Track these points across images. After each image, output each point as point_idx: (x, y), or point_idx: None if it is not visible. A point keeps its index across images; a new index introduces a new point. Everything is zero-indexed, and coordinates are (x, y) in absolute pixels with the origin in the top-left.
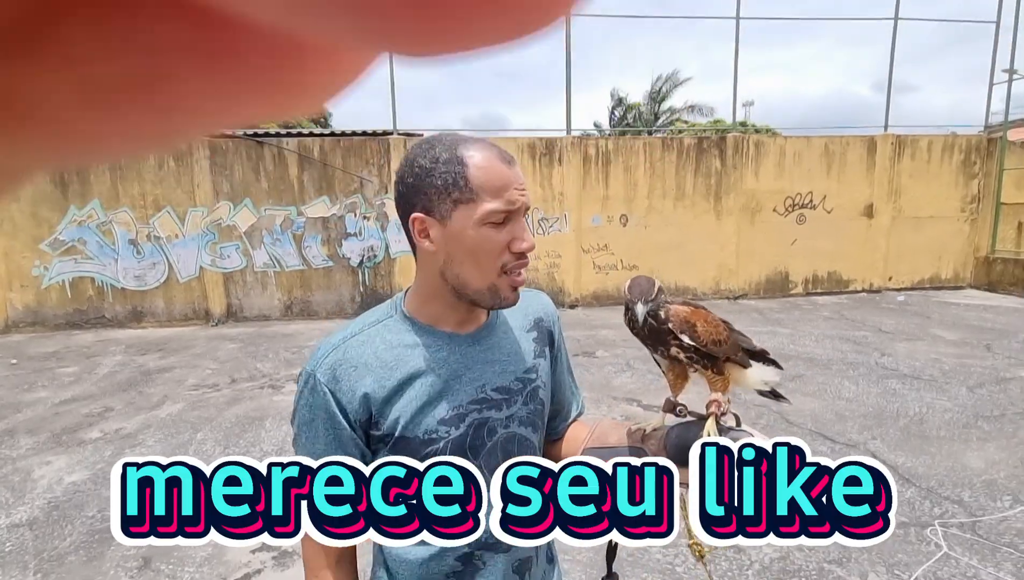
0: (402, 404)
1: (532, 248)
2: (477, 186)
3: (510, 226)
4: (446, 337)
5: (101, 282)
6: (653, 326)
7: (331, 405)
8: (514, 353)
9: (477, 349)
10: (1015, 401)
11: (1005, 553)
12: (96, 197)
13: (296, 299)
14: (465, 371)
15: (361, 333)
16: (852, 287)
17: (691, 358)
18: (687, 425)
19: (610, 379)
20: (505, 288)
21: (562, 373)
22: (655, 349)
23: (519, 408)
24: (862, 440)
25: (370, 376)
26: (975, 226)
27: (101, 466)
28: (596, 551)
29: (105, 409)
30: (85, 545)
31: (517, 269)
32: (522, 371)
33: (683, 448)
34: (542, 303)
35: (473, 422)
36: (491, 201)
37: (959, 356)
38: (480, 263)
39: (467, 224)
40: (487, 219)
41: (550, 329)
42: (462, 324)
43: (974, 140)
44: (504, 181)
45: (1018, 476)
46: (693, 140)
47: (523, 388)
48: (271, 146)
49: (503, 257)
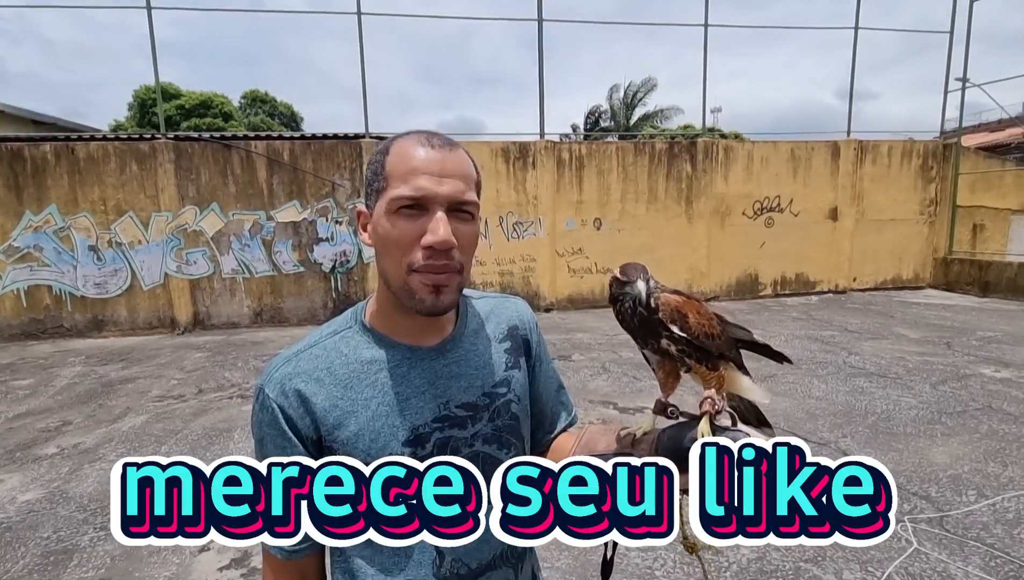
0: (358, 425)
1: (443, 243)
2: (389, 172)
3: (423, 218)
4: (407, 350)
5: (59, 290)
6: (643, 316)
7: (280, 422)
8: (482, 366)
9: (440, 363)
10: (975, 397)
11: (973, 547)
12: (53, 202)
13: (266, 306)
14: (428, 388)
15: (316, 345)
16: (819, 288)
17: (682, 352)
18: (679, 426)
19: (586, 382)
20: (420, 289)
21: (544, 383)
22: (644, 343)
23: (483, 426)
24: (833, 438)
25: (322, 393)
26: (933, 228)
27: (57, 483)
28: (575, 558)
29: (63, 423)
30: (40, 568)
31: (426, 269)
32: (491, 385)
33: (676, 451)
34: (517, 310)
35: (436, 442)
36: (397, 187)
37: (922, 354)
38: (390, 255)
39: (379, 213)
40: (392, 207)
41: (526, 337)
42: (423, 334)
43: (931, 145)
44: (415, 166)
45: (981, 470)
46: (665, 145)
47: (490, 403)
48: (239, 149)
49: (411, 252)
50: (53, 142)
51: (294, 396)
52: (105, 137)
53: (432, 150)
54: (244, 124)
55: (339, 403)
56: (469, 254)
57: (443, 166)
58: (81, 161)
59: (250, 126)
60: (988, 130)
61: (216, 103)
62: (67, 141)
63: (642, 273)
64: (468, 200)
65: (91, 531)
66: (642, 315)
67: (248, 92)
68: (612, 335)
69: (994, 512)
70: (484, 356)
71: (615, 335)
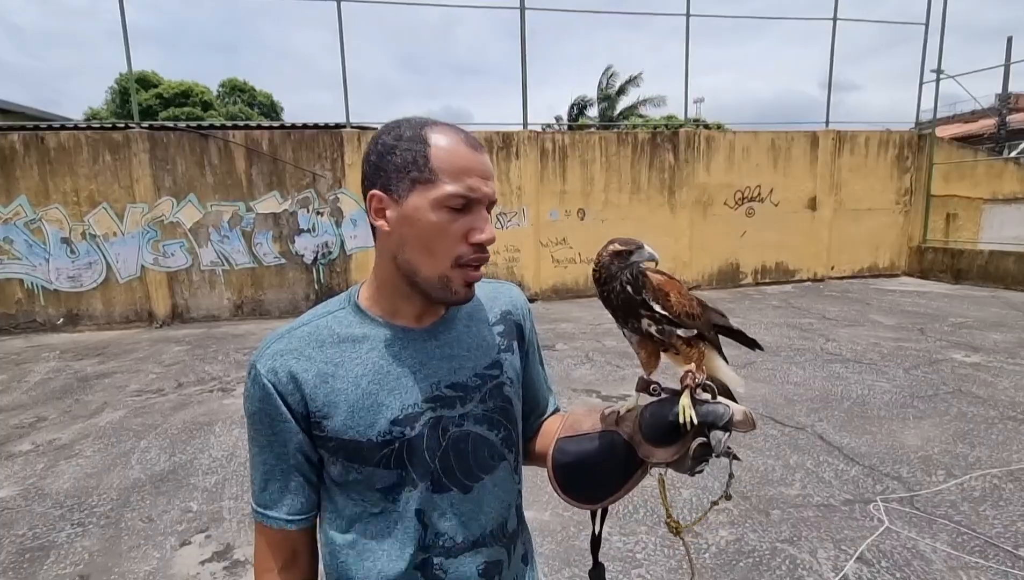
0: (348, 404)
1: (492, 241)
2: (437, 167)
3: (470, 215)
4: (400, 331)
5: (31, 284)
6: (628, 294)
7: (273, 398)
8: (475, 347)
9: (433, 343)
10: (946, 381)
11: (941, 524)
12: (23, 193)
13: (247, 298)
14: (420, 368)
15: (308, 324)
16: (798, 277)
17: (662, 331)
18: (661, 402)
19: (570, 371)
20: (458, 282)
21: (535, 369)
22: (626, 322)
23: (475, 406)
24: (809, 423)
25: (312, 370)
26: (908, 217)
27: (33, 480)
28: (559, 544)
29: (37, 419)
30: (15, 566)
31: (473, 262)
32: (483, 367)
33: (658, 427)
34: (511, 296)
35: (428, 421)
36: (450, 184)
37: (896, 340)
38: (432, 250)
39: (422, 206)
40: (444, 203)
41: (519, 322)
42: (418, 317)
43: (906, 136)
44: (466, 165)
45: (950, 451)
46: (647, 135)
47: (482, 385)
48: (216, 139)
49: (459, 247)
50: (22, 131)
51: (284, 372)
52: (76, 126)
53: (475, 152)
54: (223, 113)
55: (328, 380)
56: None
57: (486, 168)
58: (51, 151)
59: (228, 116)
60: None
61: (196, 92)
62: (36, 130)
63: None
64: (496, 200)
65: (68, 527)
66: (627, 294)
67: (226, 81)
68: (596, 325)
69: (962, 491)
70: (477, 338)
71: (599, 325)
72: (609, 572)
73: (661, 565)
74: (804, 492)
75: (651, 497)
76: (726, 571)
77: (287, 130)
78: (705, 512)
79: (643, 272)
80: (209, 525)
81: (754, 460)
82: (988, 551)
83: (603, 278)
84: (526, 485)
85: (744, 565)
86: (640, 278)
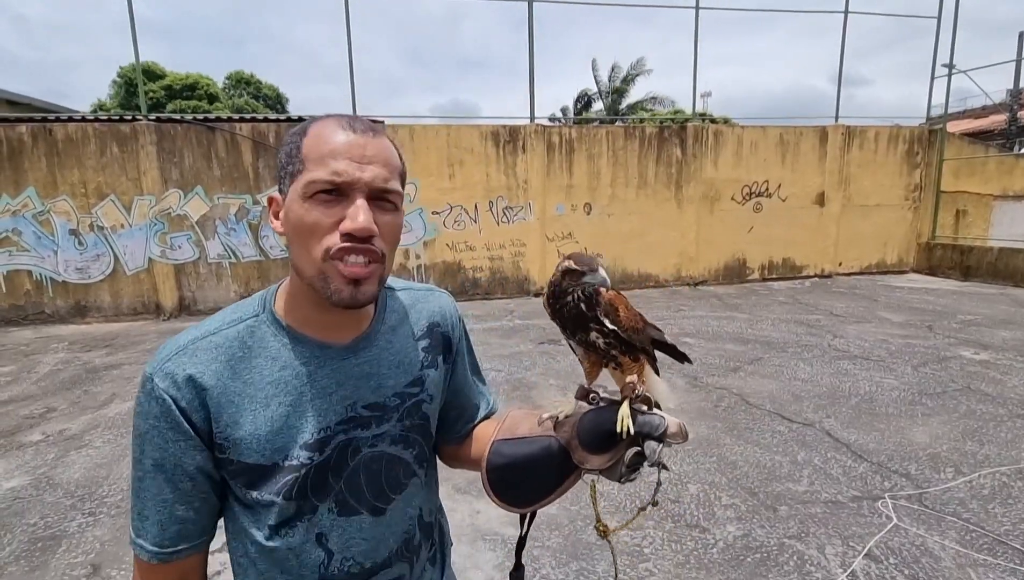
0: (256, 426)
1: (362, 229)
2: (305, 155)
3: (343, 203)
4: (317, 348)
5: (39, 275)
6: (580, 310)
7: (173, 413)
8: (396, 365)
9: (352, 362)
10: (955, 378)
11: (950, 522)
12: (31, 185)
13: (253, 291)
14: (336, 389)
15: (217, 333)
16: (805, 272)
17: (609, 344)
18: (600, 410)
19: (576, 366)
20: (335, 278)
21: (463, 376)
22: (573, 334)
23: (392, 426)
24: (817, 419)
25: (219, 387)
26: (917, 213)
27: (43, 470)
28: (565, 538)
29: (47, 409)
30: (27, 554)
31: (343, 254)
32: (403, 385)
33: (595, 433)
34: (440, 305)
35: (338, 444)
36: (314, 170)
37: (904, 337)
38: (305, 244)
39: (294, 198)
40: (308, 191)
41: (447, 334)
42: (336, 329)
43: (916, 131)
44: (334, 149)
45: (959, 449)
46: (655, 129)
47: (401, 404)
48: (223, 132)
49: (328, 239)
50: (29, 123)
51: (187, 386)
52: (84, 118)
53: (354, 134)
54: (228, 106)
55: (235, 399)
56: (391, 245)
57: (365, 151)
58: (59, 143)
59: (234, 108)
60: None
61: (202, 84)
62: (44, 122)
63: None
64: (391, 188)
65: (79, 517)
66: (579, 308)
67: (232, 73)
68: None
69: (970, 488)
70: (399, 354)
71: None
72: (618, 566)
73: (669, 560)
74: (812, 488)
75: (659, 492)
76: (733, 566)
77: (293, 123)
78: (632, 518)
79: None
80: None
81: (761, 456)
82: (997, 549)
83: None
84: None
85: (752, 561)
86: (594, 296)
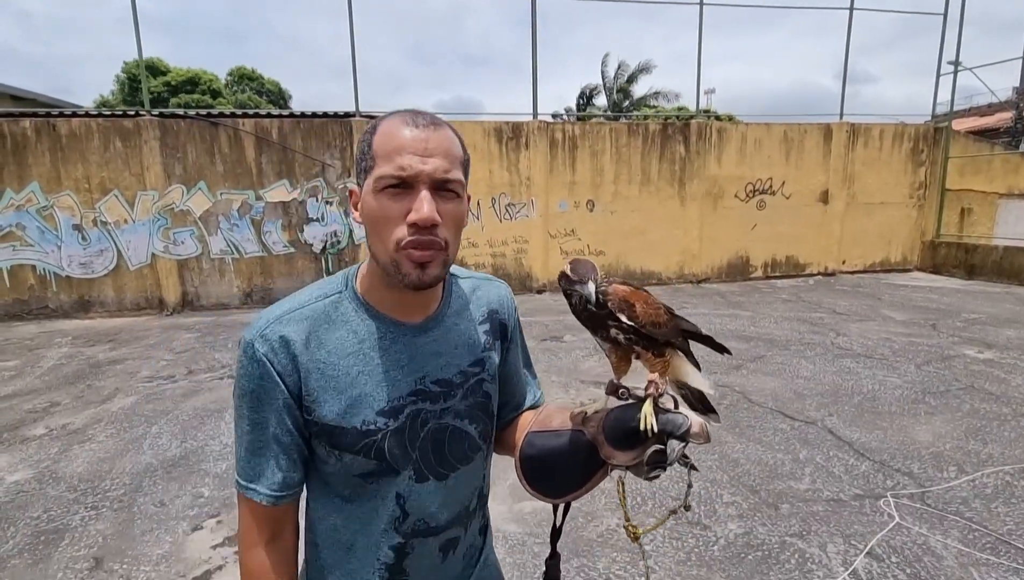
0: (338, 392)
1: (427, 220)
2: (375, 151)
3: (409, 196)
4: (392, 325)
5: (43, 270)
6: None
7: (272, 375)
8: (461, 345)
9: (423, 340)
10: (959, 377)
11: (952, 521)
12: (35, 180)
13: (256, 287)
14: (408, 363)
15: (305, 307)
16: (808, 270)
17: (630, 340)
18: (625, 407)
19: (578, 363)
20: (405, 264)
21: (515, 365)
22: (595, 332)
23: (457, 402)
24: (819, 417)
25: (307, 354)
26: (922, 212)
27: (47, 464)
28: (567, 534)
29: (51, 404)
30: (30, 547)
31: (411, 245)
32: (467, 364)
33: (620, 430)
34: (500, 294)
35: (410, 414)
36: (382, 166)
37: (907, 335)
38: (379, 234)
39: (368, 192)
40: (378, 186)
41: (504, 321)
42: (408, 309)
43: (922, 129)
44: (399, 144)
45: (962, 448)
46: (658, 126)
47: (465, 381)
48: (226, 127)
49: (398, 230)
50: (33, 118)
51: (282, 351)
52: (88, 113)
53: (417, 129)
54: (231, 102)
55: (321, 366)
56: (455, 231)
57: (427, 145)
58: (63, 138)
59: (237, 104)
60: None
61: (204, 80)
62: (48, 117)
63: (592, 272)
64: (452, 178)
65: (82, 510)
66: (589, 310)
67: (235, 69)
68: None
69: (973, 487)
70: (463, 336)
71: None
72: (618, 563)
73: (670, 557)
74: (814, 487)
75: (659, 490)
76: (735, 564)
77: (296, 119)
78: (663, 520)
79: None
80: (220, 511)
81: (763, 454)
82: (1000, 548)
83: (564, 291)
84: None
85: (753, 558)
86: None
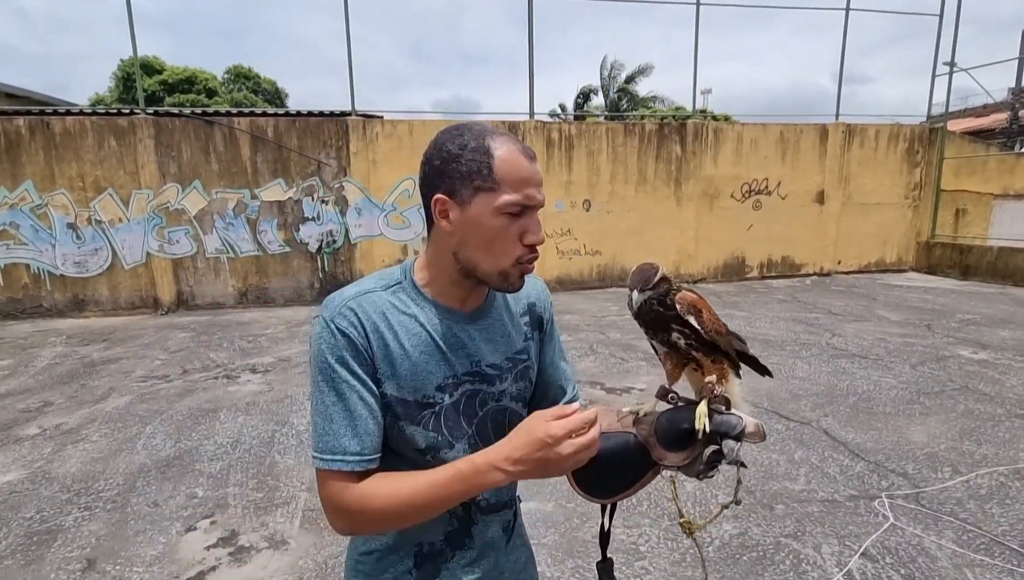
0: (403, 367)
1: (542, 242)
2: (500, 177)
3: (524, 219)
4: (448, 312)
5: (37, 269)
6: (659, 311)
7: (356, 345)
8: (507, 334)
9: (475, 326)
10: (953, 377)
11: (946, 522)
12: (29, 178)
13: (251, 286)
14: (463, 346)
15: (373, 292)
16: (804, 270)
17: (691, 345)
18: (678, 410)
19: (574, 363)
20: (515, 275)
21: (552, 357)
22: (655, 335)
23: (510, 384)
24: (815, 418)
25: (375, 334)
26: (917, 212)
27: (40, 464)
28: (562, 535)
29: (44, 403)
30: (23, 548)
31: (528, 261)
32: (513, 351)
33: (672, 431)
34: (537, 289)
35: (466, 392)
36: (511, 193)
37: (903, 336)
38: (492, 250)
39: (485, 211)
40: (504, 209)
41: (541, 315)
42: (463, 301)
43: (917, 130)
44: (526, 176)
45: (957, 448)
46: (654, 126)
47: (513, 367)
48: (221, 126)
49: (517, 248)
50: (27, 116)
51: (359, 327)
52: (82, 112)
53: (533, 163)
54: (227, 100)
55: (389, 345)
56: None
57: (539, 177)
58: (57, 136)
59: (233, 102)
60: (974, 115)
61: (200, 79)
62: (42, 115)
63: (642, 282)
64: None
65: (75, 511)
66: (658, 310)
67: (231, 68)
68: (600, 317)
69: (968, 488)
70: (509, 326)
71: (603, 317)
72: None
73: (665, 558)
74: (809, 487)
75: (654, 491)
76: (729, 565)
77: (292, 117)
78: (716, 515)
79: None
80: (214, 511)
81: (759, 455)
82: (994, 549)
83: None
84: None
85: (748, 559)
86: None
